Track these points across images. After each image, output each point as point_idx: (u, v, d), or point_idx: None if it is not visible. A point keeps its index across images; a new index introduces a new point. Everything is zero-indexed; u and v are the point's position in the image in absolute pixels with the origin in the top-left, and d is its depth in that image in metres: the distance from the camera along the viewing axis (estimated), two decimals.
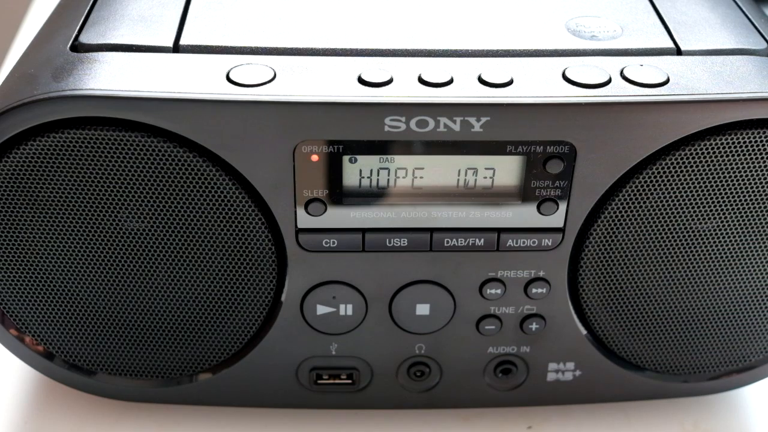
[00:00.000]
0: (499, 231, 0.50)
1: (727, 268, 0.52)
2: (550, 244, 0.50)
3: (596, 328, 0.54)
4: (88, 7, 0.51)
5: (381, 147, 0.47)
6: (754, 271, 0.52)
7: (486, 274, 0.52)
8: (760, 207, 0.50)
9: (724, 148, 0.47)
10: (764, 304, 0.53)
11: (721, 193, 0.49)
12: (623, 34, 0.51)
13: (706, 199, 0.49)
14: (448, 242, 0.50)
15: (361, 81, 0.46)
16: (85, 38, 0.48)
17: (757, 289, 0.53)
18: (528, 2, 0.54)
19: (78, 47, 0.48)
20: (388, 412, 0.58)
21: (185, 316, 0.52)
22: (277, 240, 0.50)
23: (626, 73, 0.47)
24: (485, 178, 0.49)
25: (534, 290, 0.52)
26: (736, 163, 0.48)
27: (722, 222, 0.50)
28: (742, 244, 0.51)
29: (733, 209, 0.50)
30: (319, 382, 0.56)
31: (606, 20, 0.52)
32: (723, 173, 0.48)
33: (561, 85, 0.46)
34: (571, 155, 0.48)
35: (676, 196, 0.49)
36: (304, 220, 0.49)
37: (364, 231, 0.50)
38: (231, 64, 0.47)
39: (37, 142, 0.46)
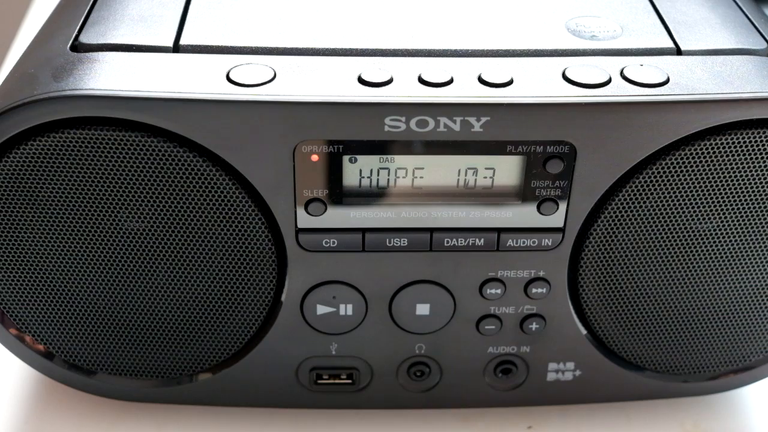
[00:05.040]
0: (499, 231, 0.50)
1: (727, 268, 0.52)
2: (550, 244, 0.50)
3: (596, 328, 0.54)
4: (88, 7, 0.51)
5: (381, 147, 0.47)
6: (754, 271, 0.52)
7: (486, 274, 0.52)
8: (760, 207, 0.50)
9: (724, 148, 0.47)
10: (764, 304, 0.53)
11: (720, 193, 0.49)
12: (623, 34, 0.51)
13: (705, 199, 0.49)
14: (448, 242, 0.50)
15: (361, 81, 0.46)
16: (85, 38, 0.48)
17: (757, 289, 0.53)
18: (528, 2, 0.54)
19: (78, 47, 0.48)
20: (388, 412, 0.58)
21: (185, 316, 0.52)
22: (277, 240, 0.50)
23: (626, 73, 0.47)
24: (485, 178, 0.49)
25: (534, 290, 0.52)
26: (736, 163, 0.48)
27: (722, 222, 0.50)
28: (742, 244, 0.51)
29: (732, 209, 0.50)
30: (319, 382, 0.56)
31: (606, 20, 0.52)
32: (723, 173, 0.48)
33: (561, 85, 0.46)
34: (571, 155, 0.48)
35: (675, 196, 0.49)
36: (304, 220, 0.49)
37: (364, 231, 0.50)
38: (231, 64, 0.47)
39: (37, 142, 0.46)
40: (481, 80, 0.46)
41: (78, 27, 0.49)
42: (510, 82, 0.46)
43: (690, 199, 0.49)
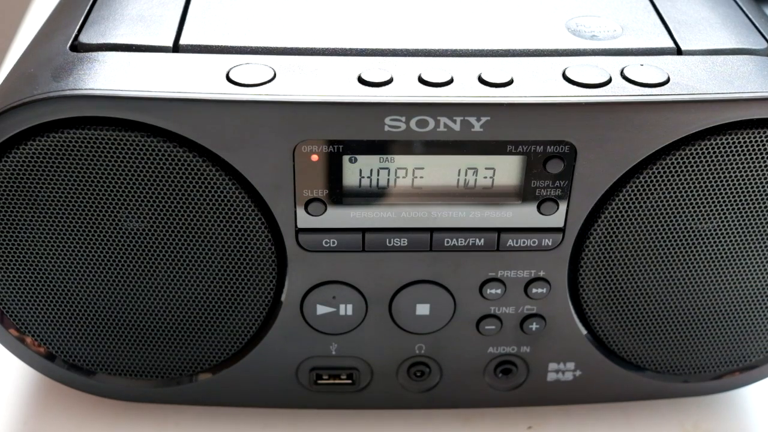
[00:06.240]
0: (499, 231, 0.50)
1: (727, 268, 0.52)
2: (550, 244, 0.50)
3: (596, 328, 0.54)
4: (88, 7, 0.51)
5: (381, 147, 0.47)
6: (755, 271, 0.52)
7: (486, 274, 0.52)
8: (760, 207, 0.50)
9: (724, 148, 0.47)
10: (764, 304, 0.53)
11: (721, 193, 0.49)
12: (623, 34, 0.51)
13: (706, 199, 0.49)
14: (448, 242, 0.50)
15: (361, 81, 0.46)
16: (85, 38, 0.48)
17: (758, 289, 0.53)
18: (528, 2, 0.54)
19: (78, 47, 0.48)
20: (388, 412, 0.58)
21: (185, 316, 0.52)
22: (277, 240, 0.50)
23: (626, 73, 0.47)
24: (485, 177, 0.49)
25: (534, 290, 0.52)
26: (736, 163, 0.48)
27: (722, 222, 0.50)
28: (742, 244, 0.51)
29: (733, 209, 0.50)
30: (319, 382, 0.56)
31: (606, 20, 0.52)
32: (723, 173, 0.48)
33: (561, 85, 0.46)
34: (571, 155, 0.48)
35: (676, 196, 0.49)
36: (304, 220, 0.49)
37: (364, 231, 0.50)
38: (231, 64, 0.47)
39: (37, 142, 0.46)
40: (481, 80, 0.46)
41: (78, 27, 0.49)
42: (510, 82, 0.46)
43: (690, 199, 0.49)
